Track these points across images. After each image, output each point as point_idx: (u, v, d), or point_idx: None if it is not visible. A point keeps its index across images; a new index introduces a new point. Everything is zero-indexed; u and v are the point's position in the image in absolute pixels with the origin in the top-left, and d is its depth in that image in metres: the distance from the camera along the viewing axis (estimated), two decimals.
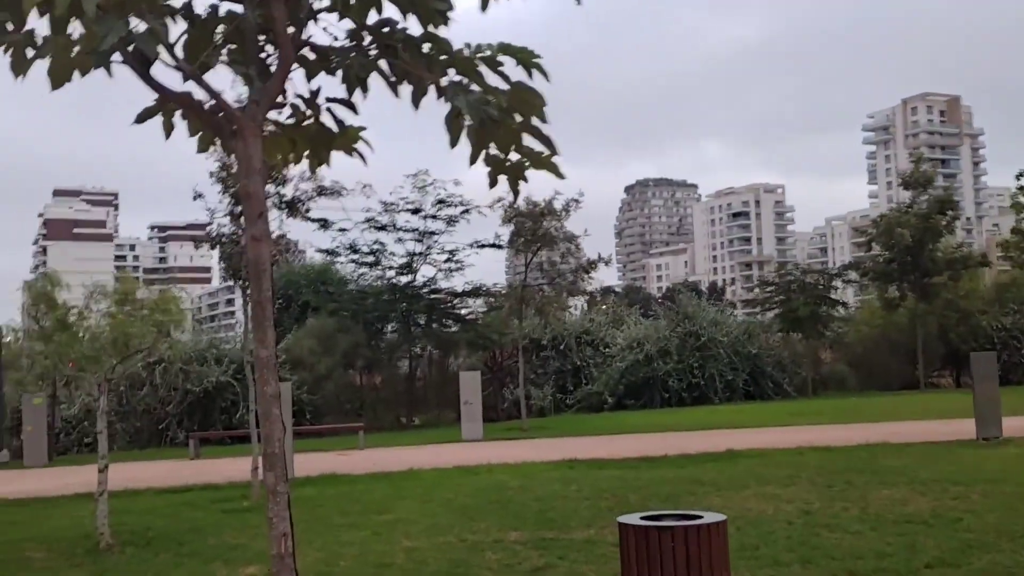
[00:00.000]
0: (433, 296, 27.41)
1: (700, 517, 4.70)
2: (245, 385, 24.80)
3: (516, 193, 3.88)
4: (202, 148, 3.70)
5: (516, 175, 3.84)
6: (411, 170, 25.87)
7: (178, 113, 3.69)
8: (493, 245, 26.31)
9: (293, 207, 13.19)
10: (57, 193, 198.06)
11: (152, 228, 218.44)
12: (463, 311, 28.43)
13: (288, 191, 13.00)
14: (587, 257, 24.21)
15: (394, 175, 29.22)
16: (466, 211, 26.08)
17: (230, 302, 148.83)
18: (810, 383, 31.08)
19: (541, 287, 24.77)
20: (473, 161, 3.74)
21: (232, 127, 3.19)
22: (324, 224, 24.61)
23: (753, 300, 53.26)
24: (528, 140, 3.66)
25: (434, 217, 26.09)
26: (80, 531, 10.51)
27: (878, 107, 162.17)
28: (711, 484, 12.21)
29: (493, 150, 3.74)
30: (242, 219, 12.91)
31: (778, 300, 32.96)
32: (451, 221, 26.26)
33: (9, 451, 20.33)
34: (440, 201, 25.76)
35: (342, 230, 26.07)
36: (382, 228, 26.15)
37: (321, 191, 13.27)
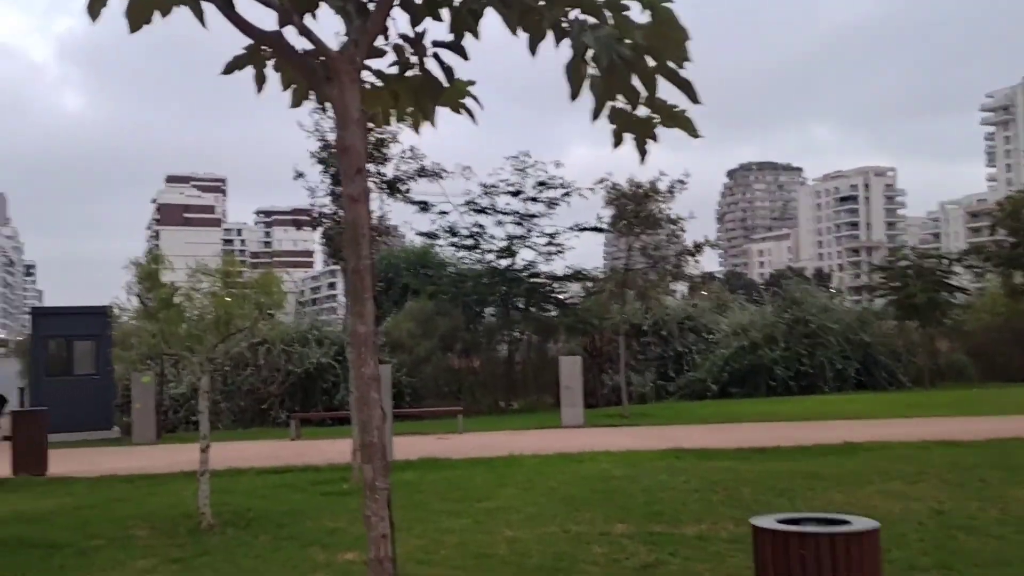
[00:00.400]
0: (533, 280, 27.02)
1: (846, 522, 4.14)
2: (346, 367, 24.96)
3: (643, 154, 3.39)
4: (296, 102, 3.33)
5: (644, 133, 3.35)
6: (511, 152, 25.49)
7: (270, 65, 3.33)
8: (595, 228, 25.75)
9: (394, 187, 12.96)
10: (169, 179, 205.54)
11: (258, 213, 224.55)
12: (563, 295, 27.95)
13: (389, 171, 12.78)
14: (693, 241, 23.46)
15: (494, 157, 28.95)
16: (567, 193, 25.59)
17: (332, 285, 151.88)
18: (927, 373, 29.53)
19: (644, 271, 24.11)
20: (596, 115, 3.27)
21: (328, 72, 2.80)
22: (424, 207, 24.45)
23: (862, 286, 51.23)
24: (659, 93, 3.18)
25: (534, 200, 25.67)
26: (183, 510, 10.50)
27: (997, 86, 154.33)
28: (829, 479, 11.48)
29: (620, 103, 3.25)
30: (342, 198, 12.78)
31: (893, 286, 31.39)
32: (551, 204, 25.80)
33: (120, 428, 20.89)
34: (541, 183, 25.32)
35: (442, 213, 25.92)
36: (482, 211, 25.89)
37: (422, 172, 13.01)
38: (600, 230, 26.00)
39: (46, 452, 14.07)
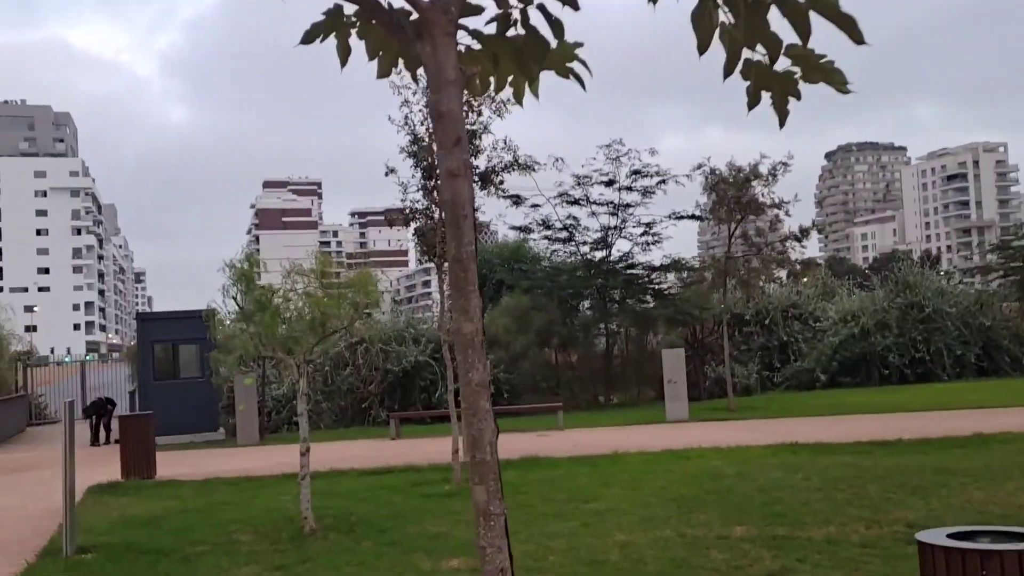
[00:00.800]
0: (629, 271, 26.37)
1: None
2: (443, 365, 24.83)
3: (783, 115, 2.88)
4: (383, 71, 2.94)
5: (785, 89, 2.84)
6: (600, 142, 24.88)
7: (354, 35, 2.95)
8: (692, 216, 24.92)
9: (487, 179, 12.60)
10: (267, 185, 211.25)
11: (352, 214, 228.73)
12: (660, 286, 27.20)
13: (481, 162, 12.43)
14: (799, 225, 22.44)
15: (582, 149, 28.43)
16: (662, 181, 24.85)
17: (426, 283, 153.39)
18: None
19: (747, 258, 23.22)
20: (729, 72, 2.78)
21: (419, 28, 2.40)
22: (516, 200, 24.08)
23: (975, 268, 48.77)
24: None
25: (629, 189, 25.01)
26: (285, 514, 10.37)
27: None
28: (964, 474, 10.65)
29: (757, 54, 2.75)
30: (435, 193, 12.47)
31: (1013, 267, 29.62)
32: (646, 192, 25.10)
33: (225, 430, 21.19)
34: (635, 172, 24.64)
35: (535, 206, 25.48)
36: (575, 202, 25.35)
37: (515, 164, 12.61)
38: (698, 218, 25.17)
39: (154, 455, 14.23)
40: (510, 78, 3.20)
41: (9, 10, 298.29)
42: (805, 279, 33.96)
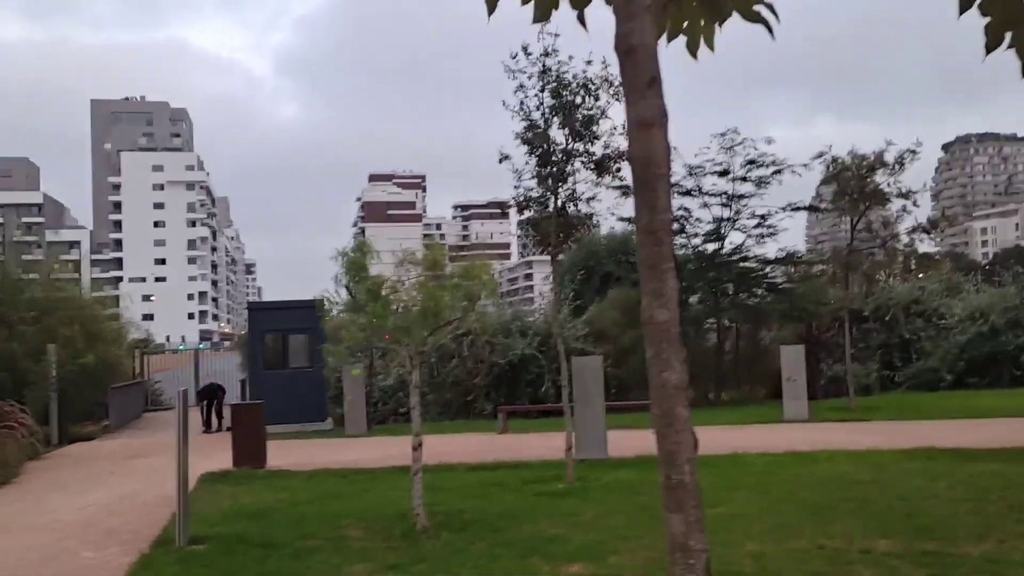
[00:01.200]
0: (743, 264, 25.40)
1: None
2: (549, 358, 24.41)
3: None
4: (541, 15, 2.48)
5: None
6: (711, 133, 23.94)
7: None
8: (810, 208, 23.82)
9: (603, 167, 12.05)
10: (372, 178, 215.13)
11: (455, 208, 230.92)
12: (775, 279, 26.11)
13: (598, 148, 11.89)
14: (928, 216, 21.15)
15: (690, 139, 27.56)
16: (778, 171, 23.82)
17: (528, 276, 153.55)
18: None
19: (870, 251, 22.02)
20: (965, 8, 2.26)
21: None
22: (626, 191, 23.39)
23: None
24: None
25: (744, 179, 24.07)
26: (396, 509, 10.10)
27: None
28: None
29: None
30: (550, 180, 12.02)
31: None
32: (761, 183, 24.10)
33: (332, 419, 21.26)
34: (750, 162, 23.67)
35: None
36: (687, 193, 24.55)
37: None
38: (817, 209, 24.06)
39: (265, 445, 14.23)
40: (685, 24, 2.71)
41: (135, 13, 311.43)
42: (923, 274, 32.26)
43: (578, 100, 11.68)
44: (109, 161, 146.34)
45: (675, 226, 25.40)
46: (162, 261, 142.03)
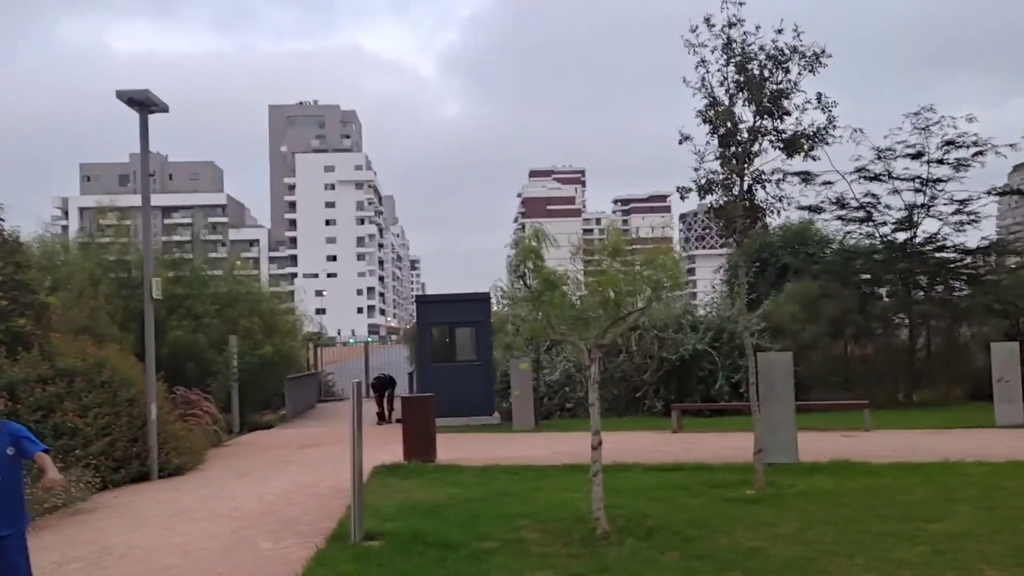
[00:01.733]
0: (939, 254, 23.39)
1: None
2: (723, 354, 23.31)
3: None
4: None
5: None
6: (912, 109, 22.03)
7: None
8: (1020, 192, 21.61)
9: (793, 146, 11.04)
10: (532, 174, 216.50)
11: (615, 202, 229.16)
12: (977, 271, 23.90)
13: (788, 126, 10.90)
14: None
15: (880, 120, 25.64)
16: (979, 152, 21.75)
17: (691, 271, 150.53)
18: None
19: None
20: None
21: None
22: (806, 177, 22.01)
23: None
24: None
25: (940, 162, 22.12)
26: (573, 510, 9.55)
27: None
28: None
29: None
30: (735, 161, 11.12)
31: None
32: (960, 165, 22.07)
33: (499, 414, 20.98)
34: (948, 143, 21.71)
35: (827, 183, 23.20)
36: (875, 178, 22.82)
37: (829, 126, 10.91)
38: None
39: (435, 438, 14.00)
40: None
41: (313, 21, 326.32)
42: None
43: (766, 73, 10.75)
44: (285, 162, 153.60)
45: (860, 214, 23.84)
46: (333, 258, 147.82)
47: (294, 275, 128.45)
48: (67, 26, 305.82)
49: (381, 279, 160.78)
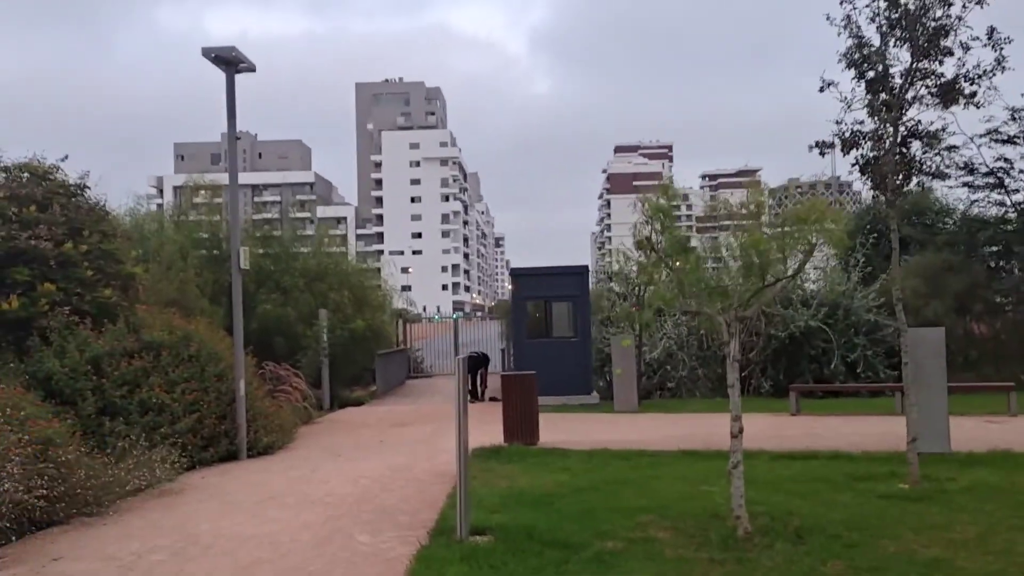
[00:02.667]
0: None
1: None
2: (838, 331, 21.75)
3: None
4: None
5: None
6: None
7: None
8: None
9: (951, 93, 9.63)
10: (618, 150, 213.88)
11: (703, 177, 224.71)
12: None
13: (948, 68, 9.50)
14: None
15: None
16: None
17: None
18: None
19: None
20: None
21: None
22: (931, 139, 20.15)
23: None
24: None
25: None
26: (702, 504, 8.45)
27: None
28: None
29: None
30: (886, 110, 9.78)
31: None
32: None
33: (597, 394, 19.89)
34: None
35: (951, 148, 21.28)
36: (1008, 141, 20.87)
37: (999, 65, 9.50)
38: None
39: (537, 419, 13.02)
40: None
41: (404, 1, 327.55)
42: None
43: (924, 5, 9.35)
44: (372, 140, 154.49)
45: (991, 180, 21.88)
46: (418, 235, 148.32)
47: (380, 252, 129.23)
48: (166, 13, 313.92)
49: (466, 256, 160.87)
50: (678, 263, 7.61)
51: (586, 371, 19.63)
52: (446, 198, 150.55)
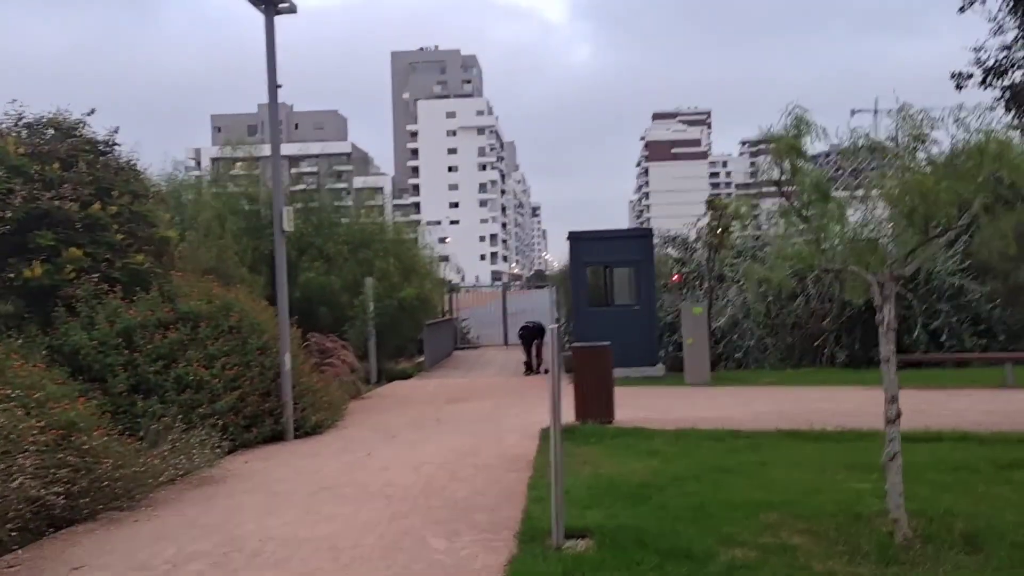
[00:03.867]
0: None
1: None
2: (919, 297, 20.17)
3: None
4: None
5: None
6: None
7: None
8: None
9: None
10: (656, 116, 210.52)
11: (742, 143, 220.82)
12: None
13: None
14: None
15: None
16: None
17: None
18: None
19: None
20: None
21: None
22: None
23: None
24: None
25: None
26: (831, 499, 7.14)
27: None
28: None
29: None
30: None
31: None
32: None
33: (664, 366, 18.53)
34: None
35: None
36: None
37: None
38: None
39: (612, 396, 11.72)
40: None
41: None
42: None
43: None
44: (407, 110, 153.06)
45: None
46: (455, 205, 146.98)
47: (417, 222, 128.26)
48: None
49: (503, 226, 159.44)
50: (814, 213, 6.24)
51: (651, 341, 18.26)
52: (483, 167, 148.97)
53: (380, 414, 13.84)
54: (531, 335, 19.79)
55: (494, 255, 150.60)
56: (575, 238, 18.89)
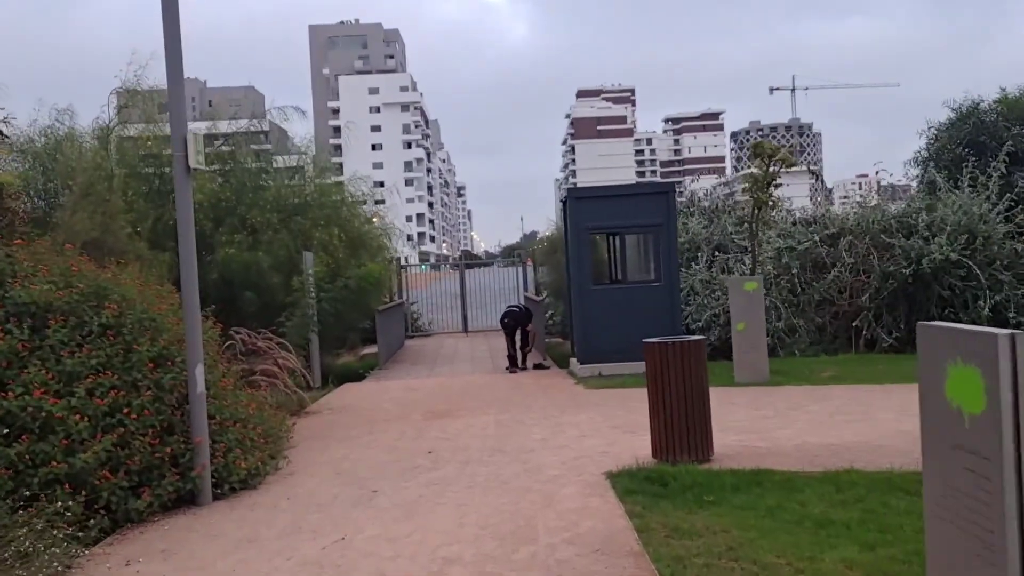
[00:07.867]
0: None
1: None
2: (980, 264, 16.80)
3: None
4: None
5: None
6: None
7: None
8: None
9: None
10: (580, 94, 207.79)
11: (666, 120, 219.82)
12: None
13: None
14: None
15: None
16: None
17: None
18: None
19: None
20: None
21: None
22: None
23: None
24: None
25: None
26: None
27: None
28: None
29: None
30: None
31: None
32: None
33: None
34: None
35: None
36: None
37: None
38: None
39: (709, 417, 7.66)
40: None
41: None
42: None
43: None
44: (328, 86, 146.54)
45: None
46: (380, 183, 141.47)
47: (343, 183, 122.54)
48: None
49: (430, 205, 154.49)
50: None
51: (675, 327, 14.30)
52: (408, 145, 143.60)
53: (340, 443, 9.60)
54: (516, 322, 15.70)
55: (421, 235, 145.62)
56: (575, 197, 14.82)
